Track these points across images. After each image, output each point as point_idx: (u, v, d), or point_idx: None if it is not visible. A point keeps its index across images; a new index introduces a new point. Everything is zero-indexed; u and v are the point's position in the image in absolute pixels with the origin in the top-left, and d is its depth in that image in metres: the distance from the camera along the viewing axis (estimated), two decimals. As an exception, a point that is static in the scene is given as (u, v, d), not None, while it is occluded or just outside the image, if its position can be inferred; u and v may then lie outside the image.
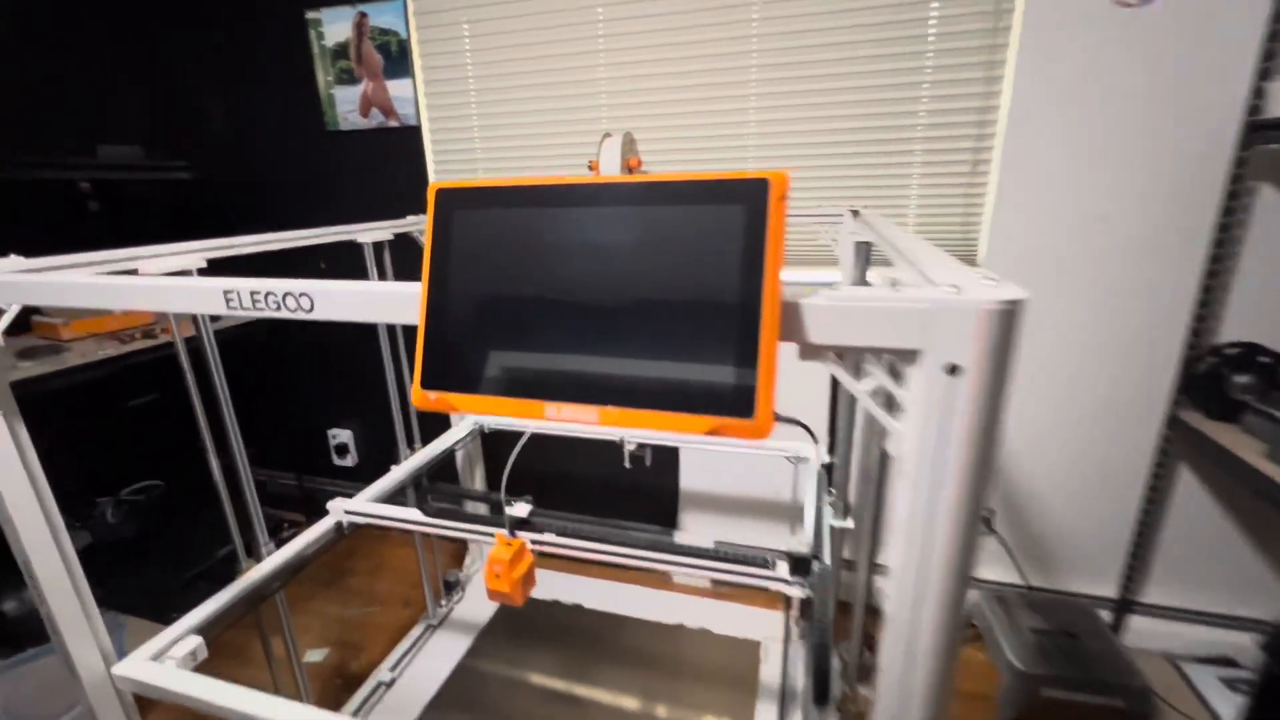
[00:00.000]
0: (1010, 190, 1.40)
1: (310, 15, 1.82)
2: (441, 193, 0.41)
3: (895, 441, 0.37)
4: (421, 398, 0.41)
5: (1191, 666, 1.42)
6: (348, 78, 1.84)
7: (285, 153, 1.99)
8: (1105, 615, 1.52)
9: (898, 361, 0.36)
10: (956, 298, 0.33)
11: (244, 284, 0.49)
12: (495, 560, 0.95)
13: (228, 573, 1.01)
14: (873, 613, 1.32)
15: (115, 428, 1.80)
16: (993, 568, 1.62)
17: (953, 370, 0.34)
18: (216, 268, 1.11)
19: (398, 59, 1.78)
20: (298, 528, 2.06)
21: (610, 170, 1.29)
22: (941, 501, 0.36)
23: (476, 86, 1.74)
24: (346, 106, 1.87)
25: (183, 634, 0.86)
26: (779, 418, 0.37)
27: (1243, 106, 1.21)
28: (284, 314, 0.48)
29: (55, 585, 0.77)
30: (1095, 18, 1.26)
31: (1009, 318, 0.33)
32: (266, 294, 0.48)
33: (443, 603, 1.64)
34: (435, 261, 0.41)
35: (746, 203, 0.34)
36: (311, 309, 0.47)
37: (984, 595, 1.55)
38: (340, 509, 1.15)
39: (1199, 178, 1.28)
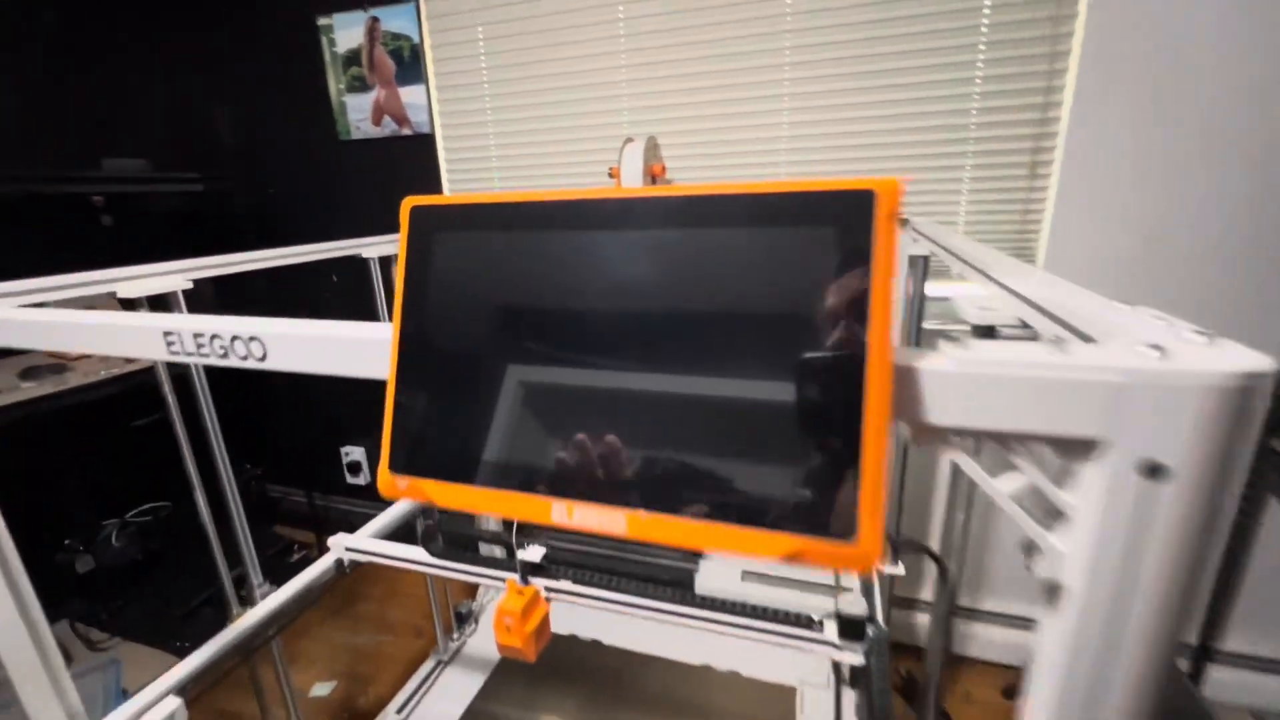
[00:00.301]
0: (1074, 192, 1.26)
1: (322, 21, 1.76)
2: (417, 211, 0.31)
3: (1052, 563, 0.26)
4: (389, 485, 0.31)
5: (1284, 726, 1.26)
6: (359, 85, 1.78)
7: (297, 162, 1.93)
8: (1181, 664, 1.37)
9: (1059, 452, 0.25)
10: (1162, 366, 0.22)
11: (187, 324, 0.40)
12: (505, 611, 0.85)
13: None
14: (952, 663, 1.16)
15: (121, 448, 1.74)
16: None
17: (1153, 472, 0.23)
18: (222, 285, 1.04)
19: (410, 65, 1.71)
20: (308, 549, 2.00)
21: (632, 177, 1.19)
22: (1122, 654, 0.25)
23: (491, 92, 1.66)
24: (358, 115, 1.81)
25: (160, 695, 0.78)
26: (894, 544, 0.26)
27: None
28: (233, 362, 0.39)
29: (15, 647, 0.69)
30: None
31: (1246, 398, 0.22)
32: (212, 337, 0.39)
33: (454, 636, 1.55)
34: (410, 302, 0.31)
35: (841, 225, 0.24)
36: (264, 357, 0.38)
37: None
38: (341, 546, 1.07)
39: (1297, 178, 1.14)
